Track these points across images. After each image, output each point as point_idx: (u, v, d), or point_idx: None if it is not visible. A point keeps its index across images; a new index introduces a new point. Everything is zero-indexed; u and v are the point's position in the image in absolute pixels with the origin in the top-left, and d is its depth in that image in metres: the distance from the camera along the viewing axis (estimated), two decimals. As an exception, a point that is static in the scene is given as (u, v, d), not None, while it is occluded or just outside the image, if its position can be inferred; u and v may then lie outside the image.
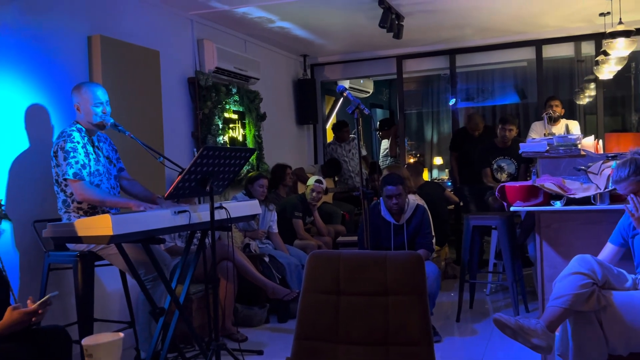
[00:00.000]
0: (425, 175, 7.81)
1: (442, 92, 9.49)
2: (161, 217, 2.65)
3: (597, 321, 2.32)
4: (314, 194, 5.02)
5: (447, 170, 8.79)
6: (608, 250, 2.68)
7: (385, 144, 7.86)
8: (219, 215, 2.88)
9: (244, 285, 4.16)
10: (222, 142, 4.94)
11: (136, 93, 3.94)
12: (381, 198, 3.96)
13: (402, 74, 6.85)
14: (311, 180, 5.10)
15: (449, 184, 7.37)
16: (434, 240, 4.16)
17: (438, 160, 9.59)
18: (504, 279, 4.58)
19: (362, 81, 8.11)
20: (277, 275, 4.30)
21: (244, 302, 4.29)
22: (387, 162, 7.53)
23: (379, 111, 9.86)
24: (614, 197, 3.11)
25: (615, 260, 2.64)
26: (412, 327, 1.89)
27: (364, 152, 7.08)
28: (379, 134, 8.02)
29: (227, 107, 5.10)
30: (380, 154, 7.98)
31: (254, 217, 3.50)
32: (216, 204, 2.87)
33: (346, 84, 7.48)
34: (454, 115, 7.11)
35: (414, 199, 4.21)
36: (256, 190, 4.50)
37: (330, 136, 7.51)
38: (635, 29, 4.62)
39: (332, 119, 8.01)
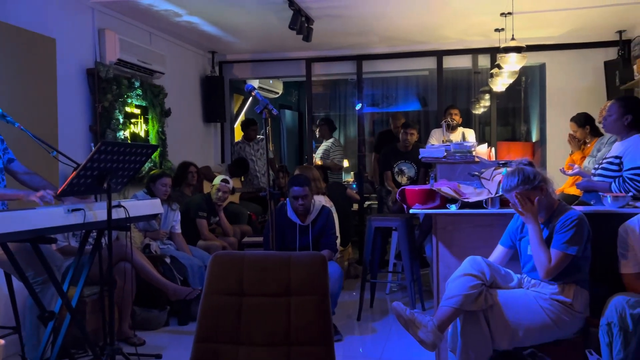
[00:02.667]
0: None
1: (350, 97, 9.71)
2: (52, 215, 2.48)
3: (484, 319, 2.48)
4: (220, 193, 4.94)
5: (352, 172, 8.99)
6: (498, 251, 2.86)
7: (325, 145, 7.60)
8: (117, 214, 2.75)
9: (144, 287, 4.01)
10: (122, 137, 4.73)
11: (28, 82, 3.67)
12: (288, 199, 3.98)
13: (311, 77, 6.92)
14: (217, 180, 5.01)
15: (355, 186, 7.53)
16: (338, 241, 4.24)
17: (344, 163, 9.78)
18: (403, 278, 4.76)
19: (271, 81, 8.11)
20: (178, 276, 4.18)
21: (144, 304, 4.13)
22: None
23: (287, 112, 9.90)
24: (504, 202, 3.33)
25: (505, 261, 2.82)
26: (314, 327, 1.91)
27: (271, 155, 7.03)
28: (316, 132, 7.65)
29: (129, 101, 4.89)
30: (319, 155, 7.68)
31: (155, 216, 3.38)
32: (114, 202, 2.74)
33: (255, 83, 7.44)
34: (359, 120, 7.29)
35: (319, 200, 4.27)
36: (158, 189, 4.35)
37: (238, 135, 7.43)
38: (526, 45, 4.97)
39: (241, 118, 7.93)
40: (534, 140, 7.06)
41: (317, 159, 7.09)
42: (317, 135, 7.38)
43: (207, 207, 4.96)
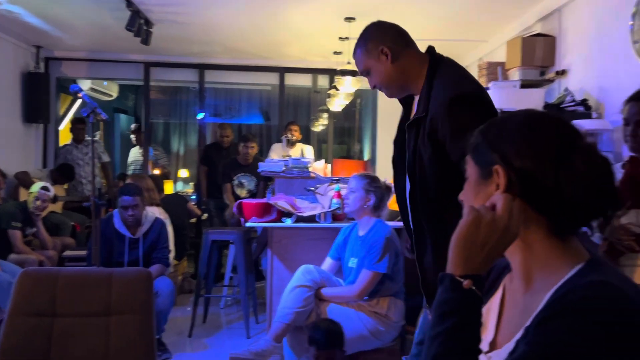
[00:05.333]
0: (170, 188, 7.64)
1: (191, 105, 9.48)
2: None
3: (307, 330, 2.59)
4: (38, 202, 4.46)
5: (192, 183, 8.76)
6: (327, 263, 2.98)
7: (135, 151, 7.33)
8: None
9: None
10: None
11: None
12: (116, 210, 3.73)
13: (150, 81, 6.62)
14: (35, 187, 4.53)
15: (194, 197, 7.34)
16: (171, 255, 4.07)
17: (184, 173, 9.49)
18: (238, 292, 4.72)
19: (105, 83, 7.59)
20: (-18, 295, 3.68)
21: None
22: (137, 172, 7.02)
23: (122, 117, 9.35)
24: (336, 216, 3.49)
25: (333, 272, 2.94)
26: (136, 347, 1.79)
27: (106, 158, 6.52)
28: (134, 137, 7.31)
29: None
30: (131, 162, 7.28)
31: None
32: None
33: (87, 84, 6.91)
34: (201, 130, 7.14)
35: (153, 212, 4.07)
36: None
37: (64, 138, 6.82)
38: (361, 70, 5.28)
39: (68, 120, 7.29)
40: (366, 158, 7.51)
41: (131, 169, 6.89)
42: (134, 142, 7.13)
43: (22, 217, 4.45)
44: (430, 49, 1.80)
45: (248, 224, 3.39)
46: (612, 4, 3.47)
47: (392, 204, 4.72)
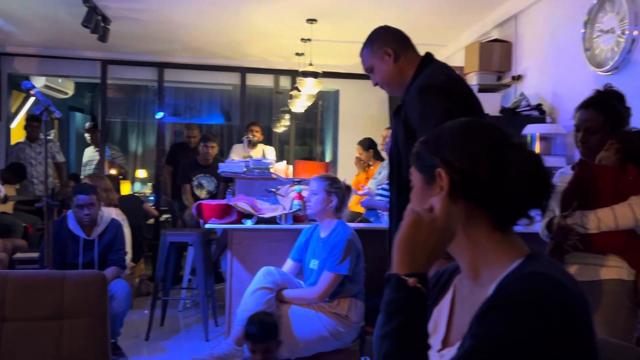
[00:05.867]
0: (128, 189, 7.48)
1: (150, 104, 9.30)
2: None
3: None
4: (-12, 202, 4.30)
5: (150, 184, 8.60)
6: (288, 265, 2.97)
7: (90, 151, 7.12)
8: None
9: None
10: None
11: None
12: (70, 210, 3.62)
13: (107, 80, 6.47)
14: (-15, 187, 4.36)
15: (152, 198, 7.21)
16: (128, 257, 3.99)
17: (142, 173, 9.31)
18: (197, 294, 4.65)
19: (60, 80, 7.37)
20: None
21: None
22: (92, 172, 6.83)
23: (78, 115, 9.10)
24: (297, 218, 3.48)
25: (294, 274, 2.94)
26: (89, 352, 1.74)
27: (60, 159, 6.30)
28: (88, 137, 7.10)
29: None
30: (86, 163, 7.07)
31: None
32: None
33: (42, 81, 6.70)
34: (160, 129, 7.01)
35: (109, 213, 3.97)
36: None
37: (16, 136, 6.58)
38: (323, 71, 5.30)
39: (21, 119, 7.05)
40: (327, 160, 7.53)
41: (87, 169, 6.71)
42: (89, 142, 6.94)
43: (-30, 218, 4.28)
44: (427, 53, 1.99)
45: (207, 226, 3.34)
46: (566, 12, 3.59)
47: (353, 205, 4.76)
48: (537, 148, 3.40)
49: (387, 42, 1.94)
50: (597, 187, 2.01)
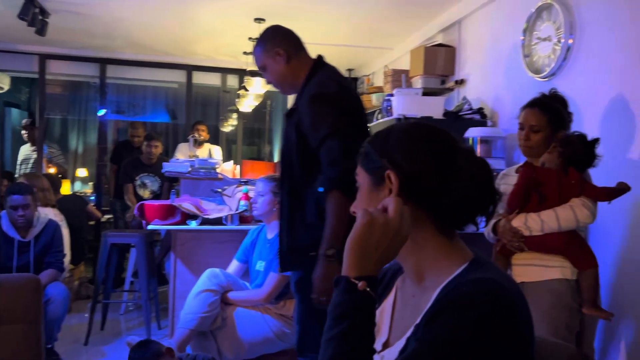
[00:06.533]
0: (67, 188, 7.20)
1: (92, 101, 8.99)
2: None
3: (211, 335, 2.54)
4: None
5: (91, 183, 8.32)
6: (234, 266, 2.94)
7: (26, 149, 6.75)
8: None
9: None
10: None
11: None
12: (4, 211, 3.46)
13: (45, 75, 6.21)
14: None
15: (93, 198, 6.98)
16: (67, 259, 3.85)
17: (82, 172, 8.98)
18: (139, 297, 4.54)
19: (-6, 74, 7.01)
20: None
21: None
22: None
23: (14, 111, 8.69)
24: (244, 219, 3.45)
25: (240, 275, 2.91)
26: (22, 358, 1.66)
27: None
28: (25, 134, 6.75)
29: None
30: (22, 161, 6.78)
31: None
32: None
33: (-27, 74, 6.36)
34: (101, 127, 6.80)
35: (46, 213, 3.82)
36: None
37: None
38: (270, 71, 5.27)
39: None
40: (276, 160, 7.51)
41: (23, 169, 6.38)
42: (26, 139, 6.60)
43: None
44: (319, 56, 2.07)
45: (150, 227, 3.27)
46: (506, 20, 3.71)
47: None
48: (478, 151, 3.50)
49: (279, 43, 2.00)
50: (541, 190, 2.08)
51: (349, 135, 1.77)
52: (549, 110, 2.19)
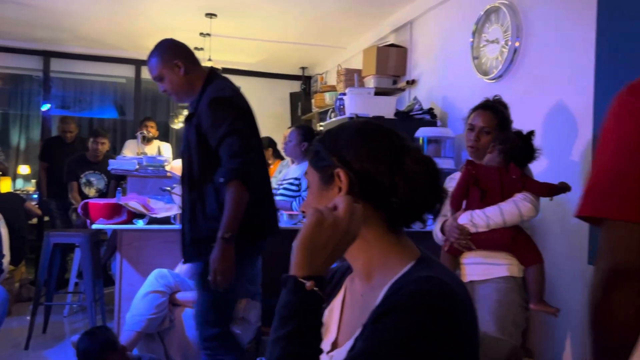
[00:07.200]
0: (8, 186, 6.89)
1: (34, 95, 8.64)
2: None
3: (158, 337, 2.48)
4: None
5: (34, 181, 7.99)
6: (182, 266, 2.87)
7: None
8: None
9: None
10: None
11: None
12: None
13: (-16, 67, 5.93)
14: None
15: (35, 196, 6.70)
16: (6, 260, 3.68)
17: (24, 169, 8.61)
18: (84, 299, 4.39)
19: None
20: None
21: None
22: None
23: (-50, 105, 8.25)
24: (192, 218, 3.37)
25: (188, 276, 2.85)
26: (-48, 368, 1.57)
27: None
28: None
29: None
30: None
31: None
32: None
33: None
34: (45, 122, 6.54)
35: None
36: None
37: None
38: (223, 68, 5.20)
39: None
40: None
41: None
42: None
43: None
44: (212, 68, 2.32)
45: (94, 226, 3.16)
46: (456, 22, 3.78)
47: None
48: (427, 150, 3.55)
49: (177, 55, 2.19)
50: (483, 186, 2.12)
51: (246, 133, 2.02)
52: (498, 113, 2.26)
